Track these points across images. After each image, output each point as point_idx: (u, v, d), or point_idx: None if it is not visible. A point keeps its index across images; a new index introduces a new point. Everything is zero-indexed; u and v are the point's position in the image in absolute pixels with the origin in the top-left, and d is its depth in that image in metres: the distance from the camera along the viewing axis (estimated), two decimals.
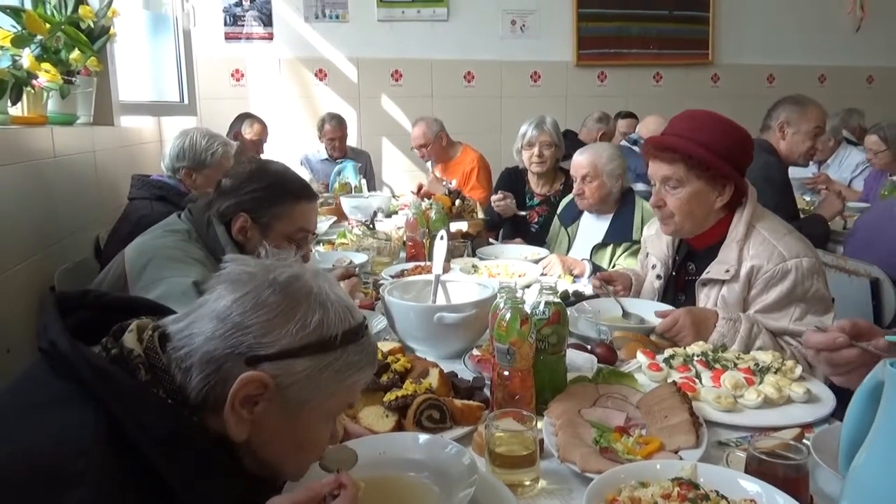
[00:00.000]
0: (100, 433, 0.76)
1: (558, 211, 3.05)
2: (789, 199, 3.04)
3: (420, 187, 4.31)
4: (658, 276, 2.01)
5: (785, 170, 3.04)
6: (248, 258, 0.91)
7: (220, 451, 0.85)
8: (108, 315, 0.92)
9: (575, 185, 2.77)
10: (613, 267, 2.63)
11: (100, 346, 0.87)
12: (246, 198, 1.73)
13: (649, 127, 4.31)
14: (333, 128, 4.76)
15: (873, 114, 5.46)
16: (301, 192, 1.78)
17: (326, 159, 4.84)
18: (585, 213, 2.88)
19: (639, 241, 2.53)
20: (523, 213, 3.18)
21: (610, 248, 2.68)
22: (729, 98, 6.06)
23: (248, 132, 4.38)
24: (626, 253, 2.64)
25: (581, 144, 4.47)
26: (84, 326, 0.89)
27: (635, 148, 4.25)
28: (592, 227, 2.83)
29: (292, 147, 5.02)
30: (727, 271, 1.77)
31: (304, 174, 4.80)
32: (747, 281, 1.76)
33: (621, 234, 2.67)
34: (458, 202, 3.10)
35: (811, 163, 4.87)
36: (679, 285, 1.94)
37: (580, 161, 2.75)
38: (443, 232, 1.99)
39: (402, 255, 2.74)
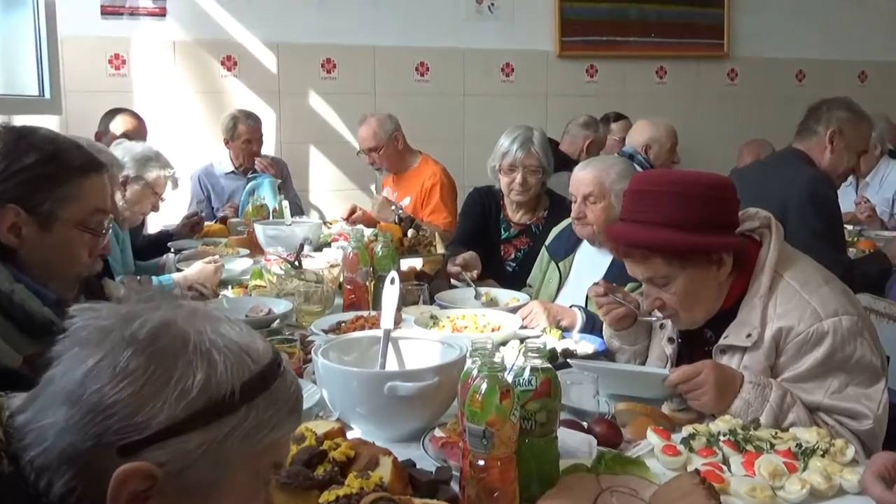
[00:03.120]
0: None
1: (547, 241, 3.09)
2: (839, 227, 3.10)
3: (352, 211, 4.30)
4: (670, 340, 2.05)
5: (833, 187, 3.08)
6: (99, 306, 0.89)
7: None
8: None
9: (574, 207, 2.81)
10: None
11: None
12: (10, 184, 1.58)
13: (638, 137, 4.42)
14: (250, 127, 4.74)
15: None
16: (89, 162, 1.67)
17: (233, 172, 4.81)
18: (583, 245, 2.92)
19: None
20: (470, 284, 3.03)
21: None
22: (749, 99, 6.30)
23: (118, 128, 4.30)
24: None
25: (563, 157, 4.59)
26: None
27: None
28: (591, 262, 2.87)
29: (191, 155, 4.97)
30: (748, 336, 1.83)
31: (199, 197, 4.75)
32: (774, 346, 1.81)
33: (624, 271, 2.70)
34: (410, 232, 3.11)
35: (846, 180, 5.10)
36: (695, 352, 1.99)
37: (583, 177, 2.80)
38: (394, 273, 1.99)
39: (338, 301, 2.73)
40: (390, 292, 1.96)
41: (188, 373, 0.84)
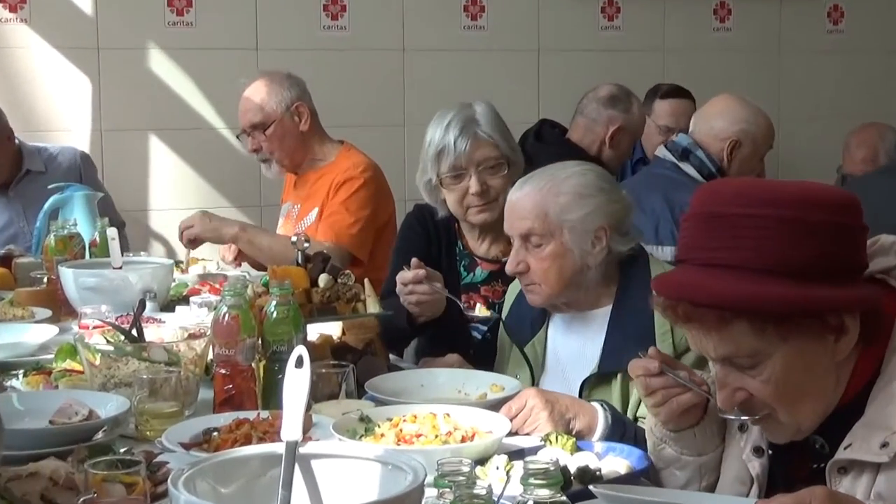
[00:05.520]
0: None
1: (504, 312, 3.15)
2: None
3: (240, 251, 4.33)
4: (757, 451, 2.06)
5: None
6: None
7: None
8: None
9: (511, 255, 2.90)
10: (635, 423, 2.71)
11: None
12: None
13: (720, 123, 4.42)
14: None
15: None
16: None
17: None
18: (556, 314, 3.00)
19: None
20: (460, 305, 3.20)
21: (618, 382, 2.78)
22: (860, 54, 6.44)
23: None
24: None
25: (576, 152, 4.62)
26: None
27: (686, 168, 4.35)
28: (573, 342, 2.95)
29: None
30: (884, 445, 1.83)
31: None
32: None
33: (633, 349, 2.74)
34: (323, 279, 3.10)
35: None
36: (797, 471, 2.02)
37: (517, 204, 2.87)
38: (301, 349, 1.98)
39: (205, 396, 2.72)
40: (296, 380, 1.94)
41: None
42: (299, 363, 1.95)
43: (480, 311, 2.98)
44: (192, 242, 4.36)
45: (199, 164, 5.47)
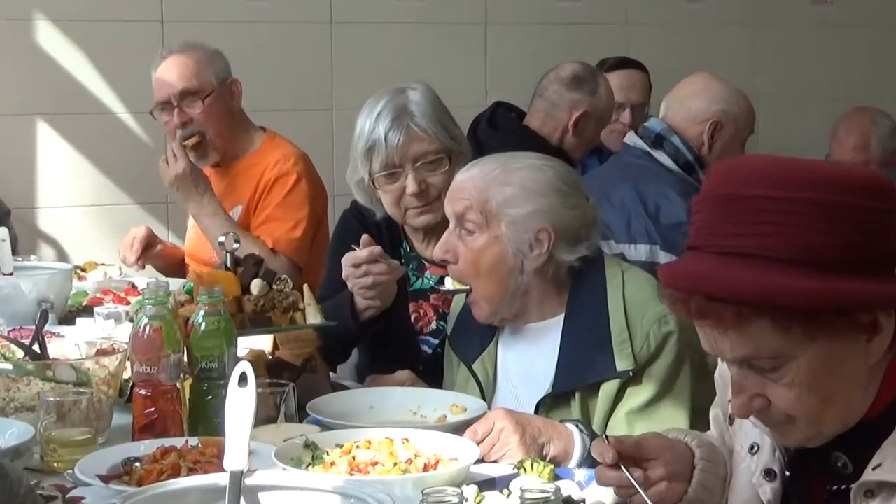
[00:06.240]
0: None
1: (449, 326, 3.20)
2: None
3: (146, 242, 4.28)
4: (768, 474, 2.08)
5: None
6: None
7: None
8: None
9: (441, 239, 2.97)
10: None
11: None
12: None
13: (698, 103, 4.47)
14: None
15: None
16: None
17: None
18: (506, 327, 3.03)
19: (631, 374, 2.73)
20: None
21: (577, 402, 2.81)
22: (850, 29, 6.52)
23: None
24: (618, 407, 2.80)
25: (536, 140, 4.67)
26: None
27: (659, 157, 4.38)
28: (524, 358, 2.99)
29: None
30: None
31: None
32: None
33: (589, 362, 2.82)
34: (256, 285, 3.08)
35: None
36: (814, 494, 2.03)
37: (461, 184, 2.93)
38: (245, 365, 1.98)
39: (121, 421, 2.71)
40: (239, 400, 1.94)
41: None
42: (243, 381, 1.95)
43: (454, 284, 2.97)
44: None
45: (95, 155, 5.42)
